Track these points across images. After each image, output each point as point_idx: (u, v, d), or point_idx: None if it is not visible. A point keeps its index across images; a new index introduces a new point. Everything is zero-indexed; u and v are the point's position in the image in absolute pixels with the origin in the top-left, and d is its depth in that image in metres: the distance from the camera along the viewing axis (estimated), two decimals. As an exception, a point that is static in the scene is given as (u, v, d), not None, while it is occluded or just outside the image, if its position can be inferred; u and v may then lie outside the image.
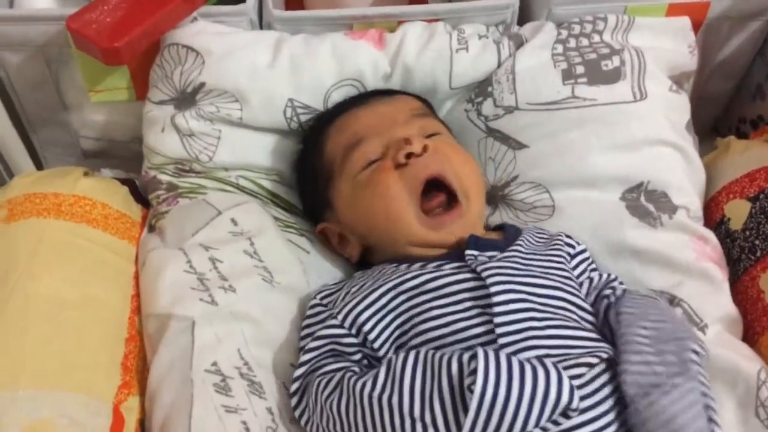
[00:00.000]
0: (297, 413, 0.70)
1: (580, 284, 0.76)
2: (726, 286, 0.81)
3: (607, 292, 0.75)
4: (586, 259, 0.79)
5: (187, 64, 0.84)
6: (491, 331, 0.65)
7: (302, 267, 0.82)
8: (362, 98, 0.86)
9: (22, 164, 1.01)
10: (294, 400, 0.70)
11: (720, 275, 0.81)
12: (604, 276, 0.78)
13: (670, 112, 0.87)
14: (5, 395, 0.64)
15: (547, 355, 0.63)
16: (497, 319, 0.65)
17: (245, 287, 0.77)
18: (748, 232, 0.84)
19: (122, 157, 1.03)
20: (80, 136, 1.01)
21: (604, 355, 0.64)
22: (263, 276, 0.79)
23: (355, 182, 0.78)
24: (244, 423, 0.69)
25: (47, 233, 0.76)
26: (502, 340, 0.64)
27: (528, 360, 0.58)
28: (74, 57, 0.88)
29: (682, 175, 0.85)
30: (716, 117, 1.11)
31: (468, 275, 0.69)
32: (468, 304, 0.67)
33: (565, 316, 0.68)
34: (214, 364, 0.71)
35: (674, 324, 0.67)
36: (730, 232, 0.85)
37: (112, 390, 0.70)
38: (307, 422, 0.69)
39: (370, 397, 0.61)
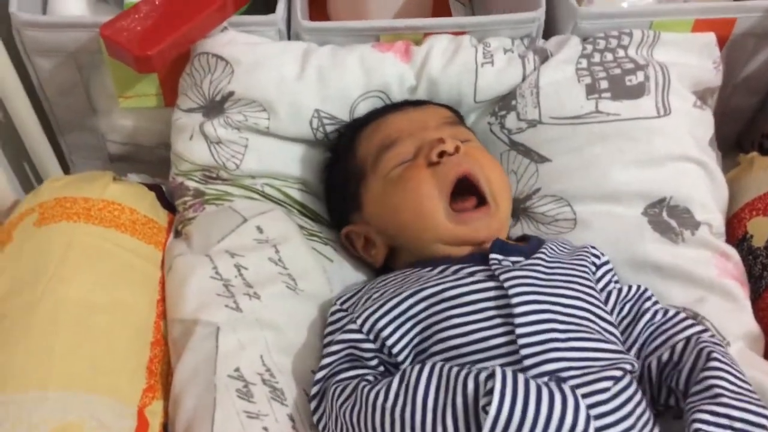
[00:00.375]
0: (315, 418, 0.71)
1: (608, 294, 0.76)
2: (748, 303, 0.81)
3: (648, 305, 0.75)
4: (610, 270, 0.80)
5: (216, 73, 0.85)
6: (513, 342, 0.65)
7: (326, 275, 0.82)
8: (394, 106, 0.88)
9: (50, 167, 1.03)
10: (313, 404, 0.71)
11: (742, 292, 0.81)
12: (634, 288, 0.77)
13: (693, 128, 0.87)
14: (35, 396, 0.65)
15: (570, 368, 0.63)
16: (519, 330, 0.65)
17: (270, 294, 0.78)
18: (770, 250, 0.84)
19: (148, 161, 1.04)
20: (107, 141, 1.03)
21: (629, 367, 0.65)
22: (287, 283, 0.80)
23: (387, 180, 0.79)
24: (266, 429, 0.70)
25: (77, 237, 0.78)
26: (524, 351, 0.64)
27: (547, 384, 0.58)
28: (105, 63, 0.90)
29: (705, 191, 0.85)
30: (739, 132, 1.11)
31: (490, 284, 0.70)
32: (490, 313, 0.67)
33: (588, 327, 0.68)
34: (237, 369, 0.72)
35: (748, 385, 0.67)
36: (753, 249, 0.85)
37: (138, 393, 0.72)
38: (324, 428, 0.70)
39: (383, 408, 0.62)
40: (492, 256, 0.73)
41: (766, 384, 0.72)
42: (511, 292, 0.68)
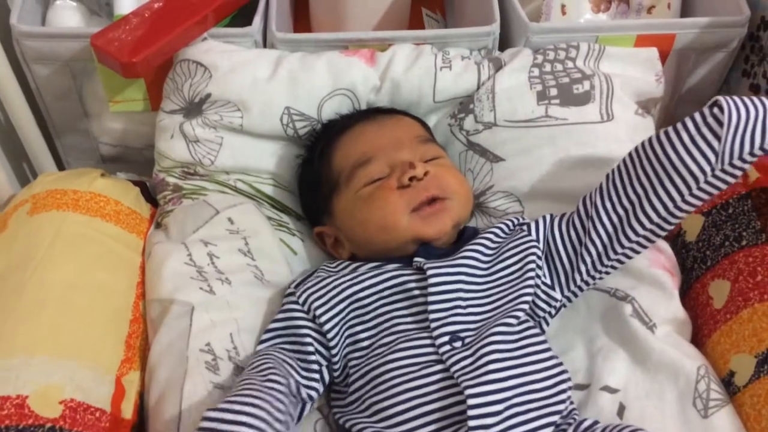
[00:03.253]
0: None
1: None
2: (676, 292, 0.87)
3: None
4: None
5: (196, 78, 0.93)
6: (424, 311, 0.79)
7: (289, 267, 0.90)
8: (368, 114, 0.95)
9: (46, 167, 1.10)
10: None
11: (671, 281, 0.87)
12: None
13: (634, 133, 0.94)
14: (21, 361, 0.73)
15: (466, 329, 0.77)
16: (430, 298, 0.79)
17: (239, 281, 0.85)
18: (700, 244, 0.91)
19: (136, 162, 1.12)
20: (99, 143, 1.11)
21: (521, 315, 0.77)
22: (255, 273, 0.87)
23: (357, 195, 0.86)
24: (228, 401, 0.77)
25: (65, 225, 0.85)
26: (431, 316, 0.78)
27: None
28: (97, 70, 0.98)
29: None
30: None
31: (414, 271, 0.81)
32: (410, 285, 0.80)
33: (488, 295, 0.81)
34: (208, 344, 0.79)
35: None
36: (686, 244, 0.93)
37: (116, 364, 0.79)
38: None
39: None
40: (416, 259, 0.82)
41: (685, 363, 0.81)
42: (429, 273, 0.79)
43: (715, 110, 0.75)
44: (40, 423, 0.69)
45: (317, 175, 0.92)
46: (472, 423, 0.69)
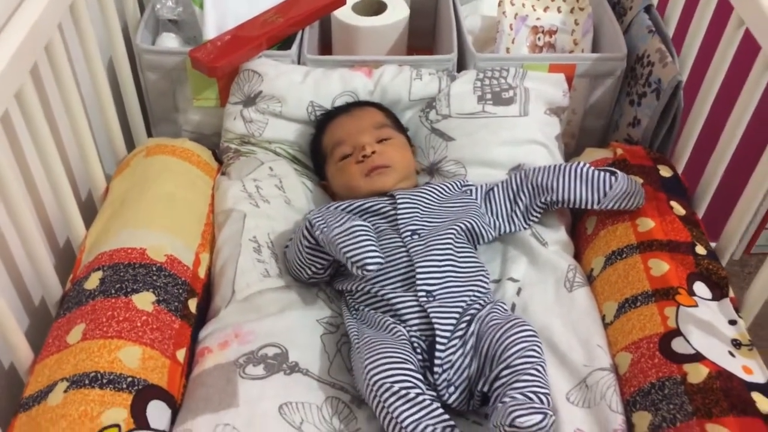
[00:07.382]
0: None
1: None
2: (562, 224, 1.32)
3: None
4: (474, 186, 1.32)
5: (253, 81, 1.42)
6: (396, 218, 1.20)
7: (307, 199, 1.36)
8: (347, 107, 1.40)
9: (144, 146, 1.58)
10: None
11: (558, 218, 1.32)
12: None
13: (542, 125, 1.40)
14: (143, 231, 1.19)
15: (423, 228, 1.18)
16: (398, 209, 1.21)
17: (275, 203, 1.32)
18: (582, 195, 1.35)
19: (206, 146, 1.59)
20: (183, 130, 1.55)
21: (457, 230, 1.19)
22: (285, 200, 1.33)
23: (336, 166, 1.32)
24: (266, 269, 1.22)
25: (168, 163, 1.33)
26: (399, 219, 1.19)
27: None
28: (188, 76, 1.47)
29: (544, 161, 1.37)
30: (596, 144, 1.63)
31: (390, 200, 1.25)
32: (386, 207, 1.23)
33: (440, 211, 1.23)
34: (254, 237, 1.25)
35: None
36: (574, 197, 1.37)
37: (196, 244, 1.24)
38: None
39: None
40: (389, 192, 1.27)
41: (561, 262, 1.24)
42: (398, 196, 1.23)
43: (612, 178, 1.24)
44: (153, 262, 1.15)
45: (317, 148, 1.39)
46: (419, 284, 1.14)
